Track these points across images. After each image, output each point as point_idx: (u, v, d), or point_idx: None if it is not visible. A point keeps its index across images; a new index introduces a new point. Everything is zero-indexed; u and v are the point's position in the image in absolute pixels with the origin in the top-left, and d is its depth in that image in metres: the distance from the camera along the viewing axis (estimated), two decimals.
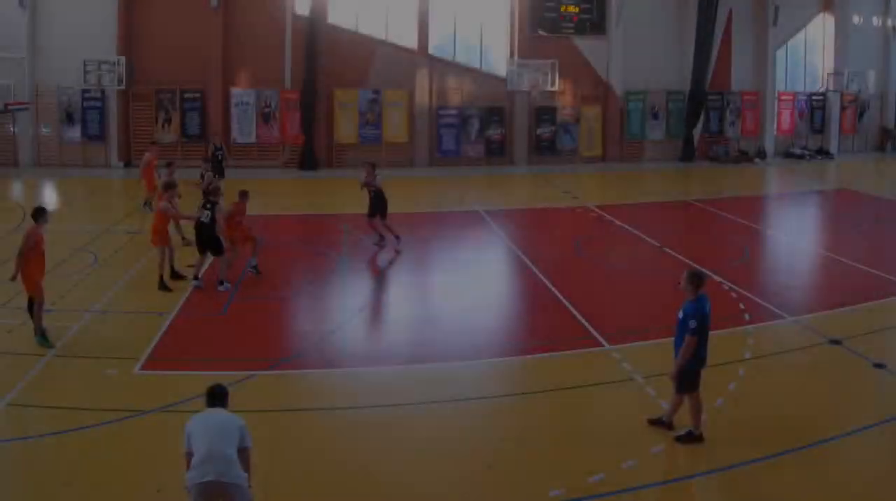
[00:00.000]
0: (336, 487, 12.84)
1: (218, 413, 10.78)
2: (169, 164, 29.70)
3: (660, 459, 13.67)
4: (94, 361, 17.86)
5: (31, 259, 18.54)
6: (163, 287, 23.47)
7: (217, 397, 10.99)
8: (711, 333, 14.09)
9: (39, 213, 19.02)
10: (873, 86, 59.62)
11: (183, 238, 27.78)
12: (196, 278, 23.83)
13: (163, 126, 49.68)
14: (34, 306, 18.70)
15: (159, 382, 16.88)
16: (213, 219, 23.47)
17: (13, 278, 18.56)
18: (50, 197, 40.49)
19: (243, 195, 25.35)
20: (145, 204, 33.52)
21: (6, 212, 33.37)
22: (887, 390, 16.82)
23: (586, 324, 20.43)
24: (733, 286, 23.59)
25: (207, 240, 23.62)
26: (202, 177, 31.28)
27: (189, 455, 10.40)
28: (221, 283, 23.72)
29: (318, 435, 14.73)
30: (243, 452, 10.57)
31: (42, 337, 18.60)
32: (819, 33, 59.18)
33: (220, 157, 37.37)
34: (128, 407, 15.36)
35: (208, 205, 23.62)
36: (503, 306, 23.37)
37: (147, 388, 16.52)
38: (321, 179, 46.49)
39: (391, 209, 28.78)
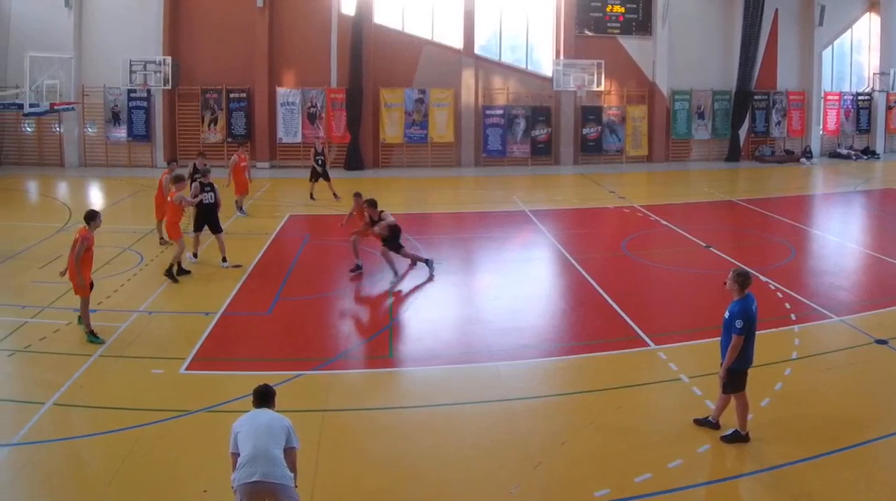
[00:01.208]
0: (383, 487, 12.89)
1: (265, 413, 10.82)
2: (171, 162, 29.67)
3: (706, 459, 13.68)
4: (141, 361, 18.04)
5: (81, 260, 18.87)
6: (170, 276, 24.19)
7: (264, 397, 11.03)
8: (757, 333, 14.07)
9: (91, 216, 19.26)
10: None
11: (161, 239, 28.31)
12: (195, 255, 26.17)
13: (209, 126, 50.10)
14: (81, 305, 19.04)
15: (205, 382, 17.07)
16: (216, 201, 26.43)
17: (63, 274, 18.97)
18: (96, 197, 40.95)
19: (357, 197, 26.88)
20: (239, 207, 33.87)
21: (53, 212, 33.73)
22: None
23: (632, 324, 20.45)
24: (779, 286, 23.54)
25: (211, 219, 26.35)
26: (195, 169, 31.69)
27: (235, 455, 10.48)
28: (224, 260, 25.80)
29: (364, 435, 14.76)
30: (290, 452, 10.60)
31: (92, 334, 18.87)
32: (865, 33, 58.60)
33: (320, 163, 37.33)
34: (173, 406, 15.52)
35: (208, 188, 26.07)
36: (549, 306, 23.26)
37: (193, 388, 16.69)
38: (367, 179, 46.45)
39: (439, 209, 28.94)
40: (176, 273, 24.48)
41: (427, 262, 25.64)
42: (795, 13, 55.57)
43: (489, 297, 24.04)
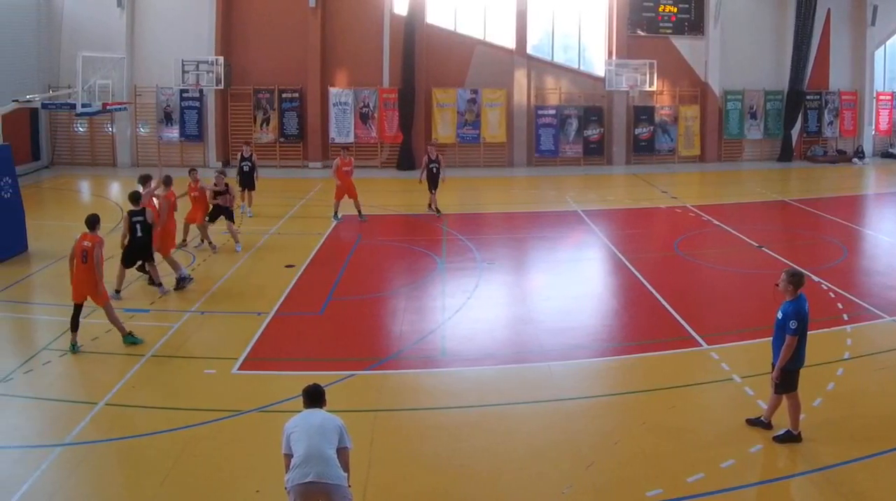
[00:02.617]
0: (435, 488, 12.98)
1: (317, 413, 10.83)
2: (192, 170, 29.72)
3: (758, 459, 13.71)
4: (193, 361, 18.31)
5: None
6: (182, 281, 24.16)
7: (315, 397, 11.02)
8: (810, 333, 14.08)
9: (97, 221, 19.46)
10: None
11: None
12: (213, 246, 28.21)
13: (261, 126, 50.43)
14: (108, 312, 19.02)
15: (257, 382, 17.18)
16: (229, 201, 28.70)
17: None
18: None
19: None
20: (337, 213, 34.02)
21: (106, 212, 33.98)
22: None
23: (685, 324, 20.51)
24: (831, 286, 23.48)
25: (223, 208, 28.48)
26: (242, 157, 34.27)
27: (288, 456, 10.53)
28: (237, 243, 28.31)
29: (416, 436, 14.84)
30: (343, 452, 10.61)
31: (130, 336, 18.98)
32: None
33: (434, 171, 34.66)
34: (225, 407, 15.67)
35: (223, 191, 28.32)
36: (602, 306, 23.34)
37: (245, 388, 16.82)
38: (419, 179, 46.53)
39: (491, 209, 29.11)
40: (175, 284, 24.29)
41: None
42: (847, 13, 55.02)
43: (541, 297, 24.13)
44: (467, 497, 12.74)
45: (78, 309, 18.72)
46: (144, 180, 25.59)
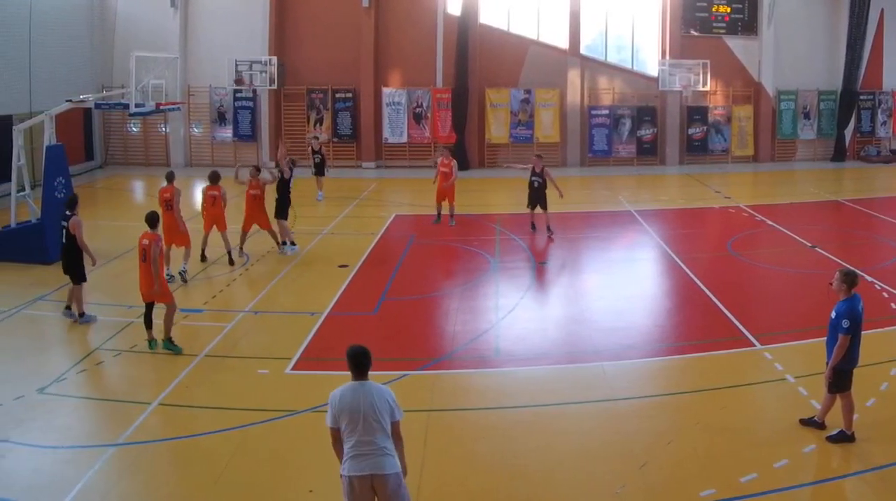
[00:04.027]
0: (488, 487, 13.03)
1: (367, 389, 10.51)
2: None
3: (812, 459, 13.71)
4: (246, 361, 18.48)
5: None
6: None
7: (363, 366, 10.71)
8: (863, 333, 14.06)
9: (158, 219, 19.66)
10: None
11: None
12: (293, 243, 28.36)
13: (314, 126, 50.64)
14: (169, 312, 19.14)
15: (310, 382, 17.24)
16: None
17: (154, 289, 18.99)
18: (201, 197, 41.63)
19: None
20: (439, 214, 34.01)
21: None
22: None
23: (738, 324, 20.47)
24: (885, 286, 23.38)
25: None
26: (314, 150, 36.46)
27: (335, 430, 10.43)
28: (288, 244, 28.14)
29: (469, 436, 14.92)
30: (395, 425, 10.50)
31: (170, 342, 18.92)
32: None
33: (536, 185, 34.53)
34: (279, 406, 15.81)
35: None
36: (655, 306, 23.35)
37: (298, 388, 16.94)
38: (473, 179, 46.57)
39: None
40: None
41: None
42: None
43: (594, 297, 24.23)
44: (520, 496, 12.77)
45: (148, 307, 18.94)
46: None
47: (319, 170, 38.69)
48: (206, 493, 12.82)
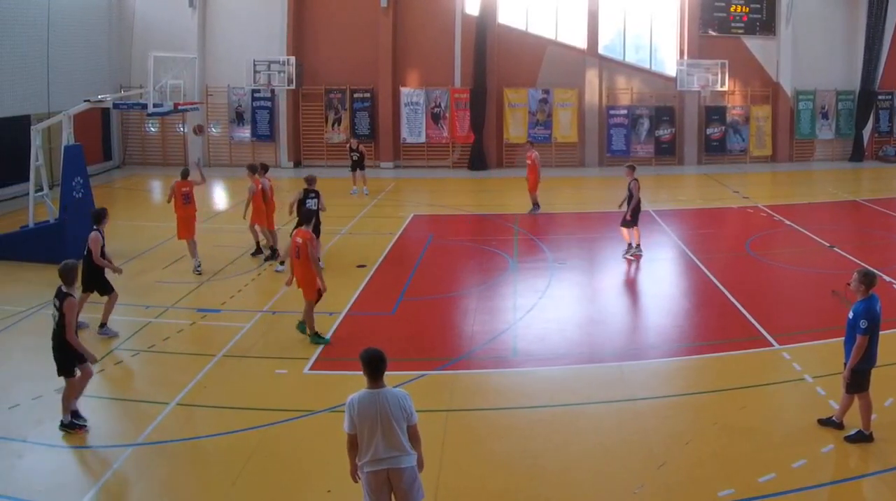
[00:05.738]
0: (507, 487, 13.04)
1: (383, 396, 10.42)
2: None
3: (830, 459, 13.69)
4: (264, 361, 18.54)
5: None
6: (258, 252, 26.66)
7: (379, 370, 10.58)
8: (881, 333, 14.03)
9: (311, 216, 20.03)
10: None
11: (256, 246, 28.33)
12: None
13: (332, 126, 50.81)
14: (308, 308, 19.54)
15: (329, 382, 17.34)
16: (319, 206, 25.76)
17: (290, 283, 19.75)
18: (220, 196, 42.42)
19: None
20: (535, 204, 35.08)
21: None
22: None
23: (756, 324, 20.46)
24: None
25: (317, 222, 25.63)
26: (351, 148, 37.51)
27: (352, 436, 10.41)
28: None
29: (488, 435, 14.92)
30: (412, 429, 10.50)
31: (317, 336, 19.38)
32: None
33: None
34: (297, 407, 15.87)
35: (312, 195, 25.75)
36: (673, 306, 23.30)
37: (316, 388, 17.03)
38: (491, 179, 46.85)
39: (563, 209, 29.19)
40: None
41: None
42: None
43: (612, 297, 24.28)
44: (539, 496, 12.76)
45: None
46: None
47: (358, 165, 40.49)
48: (224, 493, 12.89)
